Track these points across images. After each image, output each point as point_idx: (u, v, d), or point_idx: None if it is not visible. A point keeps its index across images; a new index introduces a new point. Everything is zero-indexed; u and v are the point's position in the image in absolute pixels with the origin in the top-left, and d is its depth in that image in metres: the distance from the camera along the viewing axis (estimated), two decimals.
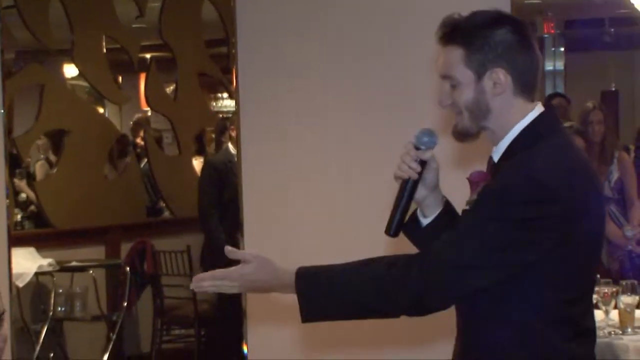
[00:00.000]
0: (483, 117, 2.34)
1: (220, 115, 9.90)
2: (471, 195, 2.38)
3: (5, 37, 5.50)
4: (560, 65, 10.21)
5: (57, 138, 7.43)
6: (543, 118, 2.34)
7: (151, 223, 7.99)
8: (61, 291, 6.74)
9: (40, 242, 6.79)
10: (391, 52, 4.68)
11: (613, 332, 3.97)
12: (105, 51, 7.76)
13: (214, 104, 11.00)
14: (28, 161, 7.68)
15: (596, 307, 3.65)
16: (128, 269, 6.92)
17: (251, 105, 4.98)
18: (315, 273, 2.33)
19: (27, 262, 6.30)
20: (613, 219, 5.88)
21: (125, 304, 6.82)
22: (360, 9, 4.77)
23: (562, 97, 7.48)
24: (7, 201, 5.02)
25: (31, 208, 7.58)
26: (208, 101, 9.89)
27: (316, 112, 4.86)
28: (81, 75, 7.73)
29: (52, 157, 7.54)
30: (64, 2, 7.31)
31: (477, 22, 2.33)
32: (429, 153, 2.42)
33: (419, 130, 2.43)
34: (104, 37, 7.72)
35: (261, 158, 4.98)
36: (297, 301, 2.31)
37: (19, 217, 7.47)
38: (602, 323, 3.91)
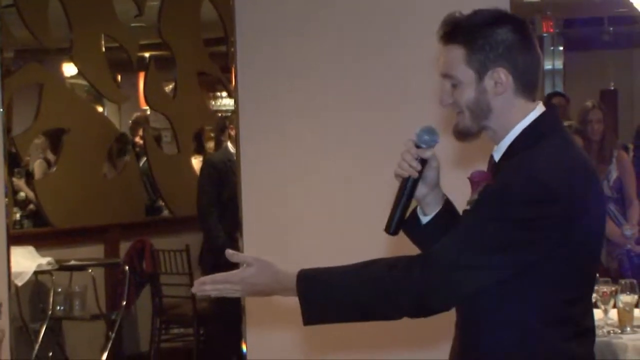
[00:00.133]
0: (484, 117, 2.33)
1: (219, 114, 9.91)
2: (472, 194, 2.37)
3: (4, 36, 5.50)
4: (559, 64, 10.21)
5: (56, 137, 7.42)
6: (544, 117, 2.34)
7: (150, 222, 7.99)
8: (60, 290, 6.73)
9: (39, 241, 6.78)
10: (391, 52, 4.68)
11: (612, 332, 3.96)
12: (104, 50, 7.75)
13: (213, 103, 11.01)
14: (27, 160, 7.68)
15: (595, 306, 3.65)
16: (127, 268, 6.91)
17: (250, 104, 4.98)
18: (316, 276, 2.33)
19: (26, 261, 6.29)
20: (612, 218, 5.89)
21: (124, 303, 6.81)
22: (360, 9, 4.76)
23: (562, 96, 7.49)
24: (6, 200, 5.02)
25: (30, 207, 7.58)
26: (207, 100, 9.90)
27: (316, 111, 4.85)
28: (80, 74, 7.72)
29: (51, 156, 7.53)
30: (63, 1, 7.30)
31: (479, 21, 2.32)
32: (430, 151, 2.41)
33: (420, 128, 2.41)
34: (103, 36, 7.71)
35: (260, 157, 4.97)
36: (299, 304, 2.30)
37: (18, 216, 7.47)
38: (601, 322, 3.91)
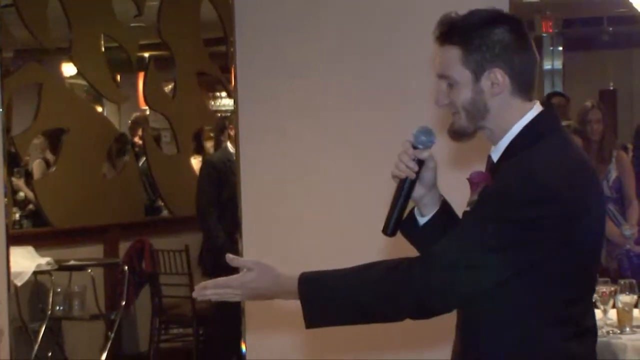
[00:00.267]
0: (481, 117, 2.33)
1: (218, 114, 9.92)
2: (471, 195, 2.36)
3: (3, 36, 5.51)
4: (558, 64, 10.22)
5: (55, 137, 7.42)
6: (542, 117, 2.33)
7: (149, 222, 7.99)
8: (59, 290, 6.73)
9: (38, 241, 6.78)
10: (391, 52, 4.67)
11: (611, 332, 3.97)
12: (103, 50, 7.76)
13: (213, 103, 11.02)
14: (26, 160, 7.68)
15: (594, 306, 3.65)
16: (126, 268, 6.91)
17: (250, 104, 4.97)
18: (317, 279, 2.33)
19: (26, 261, 6.29)
20: (611, 218, 5.89)
21: (123, 303, 6.81)
22: (360, 9, 4.76)
23: (562, 96, 7.49)
24: (6, 200, 5.01)
25: (29, 207, 7.58)
26: (207, 100, 9.91)
27: (315, 111, 4.85)
28: (80, 74, 7.73)
29: (50, 156, 7.53)
30: (63, 1, 7.30)
31: (475, 22, 2.32)
32: (427, 152, 2.40)
33: (417, 128, 2.40)
34: (103, 36, 7.72)
35: (260, 157, 4.96)
36: (301, 307, 2.30)
37: (18, 216, 7.47)
38: (601, 322, 3.91)
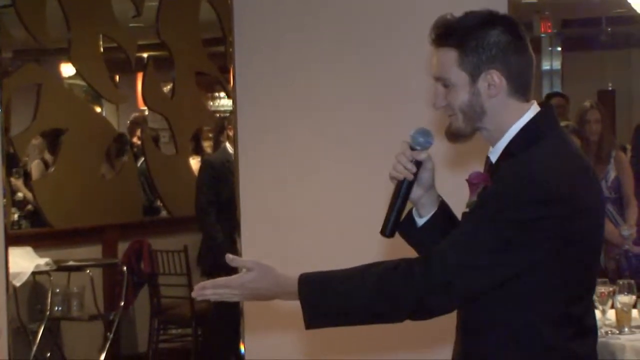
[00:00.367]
0: (478, 119, 2.33)
1: (217, 114, 9.93)
2: (470, 196, 2.36)
3: (2, 36, 5.52)
4: (557, 64, 10.22)
5: (54, 137, 7.42)
6: (540, 117, 2.33)
7: (148, 222, 7.98)
8: (58, 291, 6.73)
9: (37, 242, 6.78)
10: (391, 52, 4.67)
11: (610, 332, 3.97)
12: (102, 50, 7.76)
13: (211, 103, 11.04)
14: (25, 160, 7.68)
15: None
16: (125, 269, 6.91)
17: (249, 104, 4.97)
18: (317, 279, 2.32)
19: (24, 262, 6.29)
20: (610, 219, 5.88)
21: (122, 304, 6.81)
22: (359, 9, 4.75)
23: (561, 97, 7.48)
24: (4, 200, 5.01)
25: (28, 207, 7.59)
26: (205, 100, 9.92)
27: (314, 112, 4.85)
28: (78, 74, 7.73)
29: (48, 157, 7.53)
30: (61, 1, 7.30)
31: (470, 24, 2.31)
32: (425, 154, 2.41)
33: (415, 130, 2.40)
34: (101, 36, 7.71)
35: (259, 157, 4.96)
36: (301, 308, 2.30)
37: (16, 217, 7.47)
38: (599, 323, 3.90)
